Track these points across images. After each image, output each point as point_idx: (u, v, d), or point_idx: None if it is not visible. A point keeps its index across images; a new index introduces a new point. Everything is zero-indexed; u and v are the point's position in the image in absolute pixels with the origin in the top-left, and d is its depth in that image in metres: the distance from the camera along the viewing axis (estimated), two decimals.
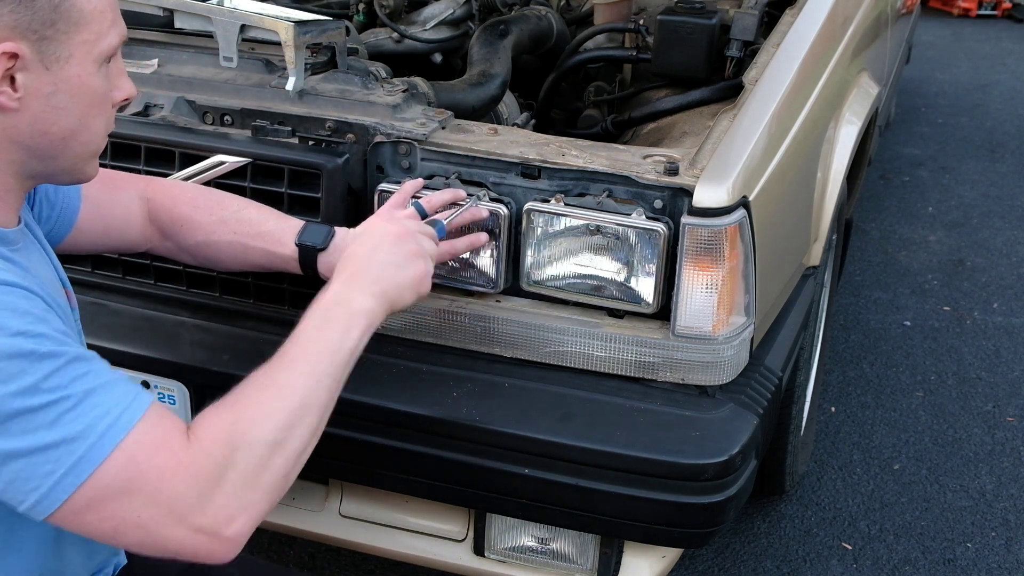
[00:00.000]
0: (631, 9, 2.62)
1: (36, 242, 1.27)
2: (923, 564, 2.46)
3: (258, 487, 1.13)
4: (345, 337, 1.25)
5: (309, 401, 1.19)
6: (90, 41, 1.12)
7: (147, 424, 1.10)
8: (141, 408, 1.10)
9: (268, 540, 2.43)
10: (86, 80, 1.13)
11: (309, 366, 1.20)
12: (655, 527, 1.62)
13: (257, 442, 1.13)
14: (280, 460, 1.15)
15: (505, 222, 1.64)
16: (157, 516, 1.08)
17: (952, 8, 8.51)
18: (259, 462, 1.13)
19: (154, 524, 1.08)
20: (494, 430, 1.61)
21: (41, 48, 1.08)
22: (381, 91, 1.77)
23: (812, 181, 2.15)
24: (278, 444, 1.15)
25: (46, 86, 1.10)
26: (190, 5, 1.76)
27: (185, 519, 1.09)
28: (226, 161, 1.70)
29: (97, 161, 1.23)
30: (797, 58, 2.02)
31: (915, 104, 6.06)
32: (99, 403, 1.07)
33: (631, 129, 2.25)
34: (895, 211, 4.57)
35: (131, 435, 1.08)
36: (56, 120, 1.12)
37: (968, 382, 3.23)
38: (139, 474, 1.07)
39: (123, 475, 1.07)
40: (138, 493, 1.07)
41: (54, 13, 1.08)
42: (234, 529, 1.11)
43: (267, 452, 1.14)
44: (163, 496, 1.08)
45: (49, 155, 1.15)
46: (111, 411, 1.08)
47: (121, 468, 1.07)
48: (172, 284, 1.83)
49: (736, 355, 1.66)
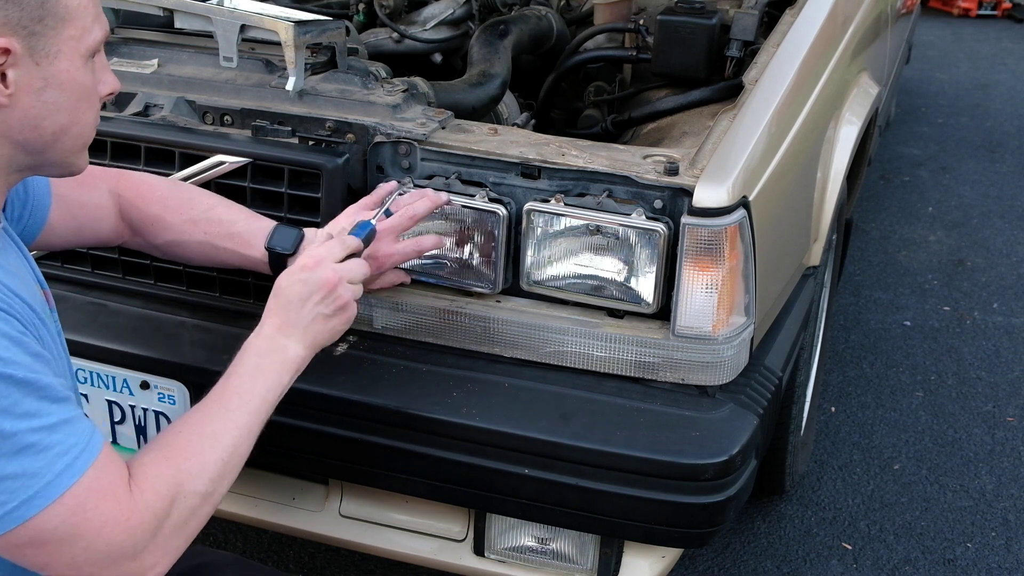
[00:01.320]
0: (631, 9, 2.62)
1: (12, 242, 1.27)
2: (923, 564, 2.46)
3: (184, 534, 1.19)
4: (277, 384, 1.31)
5: (239, 451, 1.24)
6: (76, 36, 1.14)
7: (98, 470, 1.12)
8: (96, 450, 1.13)
9: (268, 540, 2.43)
10: (74, 75, 1.14)
11: (243, 416, 1.25)
12: (655, 527, 1.62)
13: (193, 495, 1.18)
14: (207, 509, 1.21)
15: (505, 222, 1.64)
16: (92, 559, 1.12)
17: (952, 8, 8.51)
18: (190, 513, 1.19)
19: (87, 566, 1.12)
20: (494, 430, 1.61)
21: (31, 44, 1.10)
22: (381, 91, 1.77)
23: (812, 181, 2.15)
24: (209, 495, 1.20)
25: (36, 81, 1.12)
26: (190, 5, 1.76)
27: (116, 564, 1.13)
28: (226, 161, 1.70)
29: (87, 154, 1.24)
30: (797, 58, 2.02)
31: (915, 104, 6.06)
32: (61, 441, 1.09)
33: (631, 129, 2.25)
34: (895, 211, 4.57)
35: (84, 479, 1.10)
36: (47, 115, 1.14)
37: (968, 382, 3.23)
38: (84, 520, 1.10)
39: (71, 520, 1.09)
40: (80, 539, 1.10)
41: (41, 9, 1.10)
42: (156, 571, 1.17)
43: (199, 503, 1.19)
44: (102, 543, 1.11)
45: (39, 149, 1.16)
46: (71, 451, 1.10)
47: (70, 513, 1.09)
48: (172, 284, 1.83)
49: (736, 355, 1.66)
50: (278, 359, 1.31)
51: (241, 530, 2.45)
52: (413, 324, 1.74)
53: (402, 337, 1.75)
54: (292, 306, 1.35)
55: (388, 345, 1.75)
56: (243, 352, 1.32)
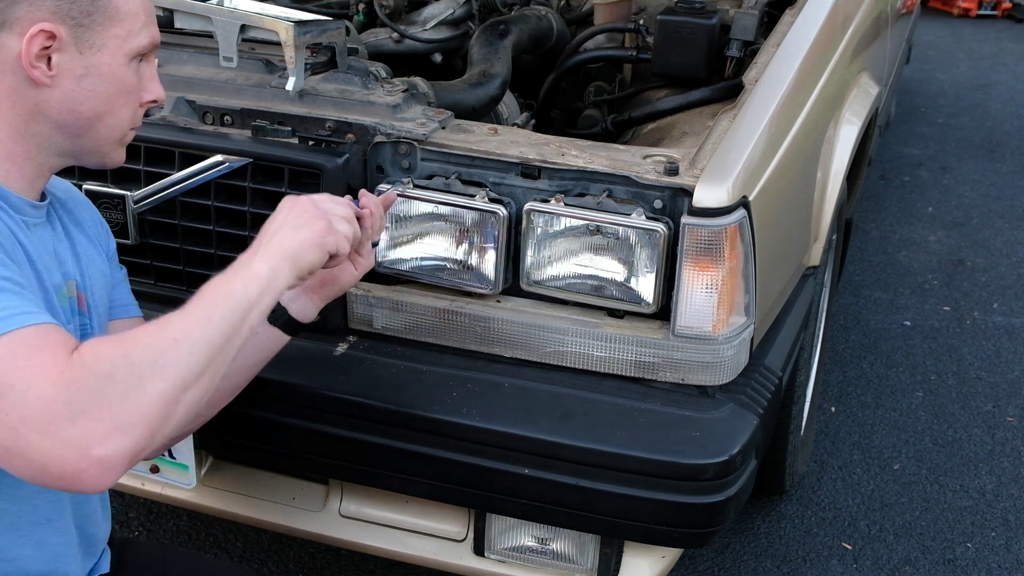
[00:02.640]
0: (631, 9, 2.62)
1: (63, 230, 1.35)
2: (923, 564, 2.46)
3: (134, 409, 1.08)
4: (244, 291, 1.22)
5: (195, 336, 1.15)
6: (121, 36, 1.25)
7: (40, 331, 1.10)
8: (41, 319, 1.11)
9: (268, 540, 2.43)
10: (116, 70, 1.26)
11: (200, 308, 1.19)
12: (655, 527, 1.62)
13: (136, 362, 1.10)
14: (161, 385, 1.10)
15: (505, 222, 1.64)
16: (26, 418, 1.05)
17: (952, 8, 8.51)
18: (137, 381, 1.09)
19: (22, 426, 1.05)
20: (494, 430, 1.61)
21: (77, 34, 1.22)
22: (381, 91, 1.77)
23: (812, 181, 2.15)
24: (158, 367, 1.11)
25: (79, 68, 1.23)
26: (190, 5, 1.76)
27: (53, 427, 1.05)
28: (226, 161, 1.70)
29: (124, 151, 1.34)
30: (797, 58, 2.02)
31: (915, 104, 6.06)
32: (9, 303, 1.09)
33: (631, 129, 2.25)
34: (895, 211, 4.57)
35: (21, 331, 1.08)
36: (85, 100, 1.25)
37: (968, 382, 3.23)
38: (15, 369, 1.06)
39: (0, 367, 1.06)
40: (11, 391, 1.05)
41: (92, 6, 1.22)
42: (105, 449, 1.06)
43: (146, 372, 1.10)
44: (33, 395, 1.05)
45: (76, 133, 1.27)
46: (10, 308, 1.09)
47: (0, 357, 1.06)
48: (172, 284, 1.83)
49: (736, 355, 1.66)
50: (243, 271, 1.26)
51: (241, 530, 2.45)
52: (413, 324, 1.74)
53: (402, 337, 1.75)
54: (262, 232, 1.33)
55: (388, 345, 1.75)
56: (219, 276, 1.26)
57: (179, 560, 1.57)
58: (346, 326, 1.78)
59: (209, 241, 1.78)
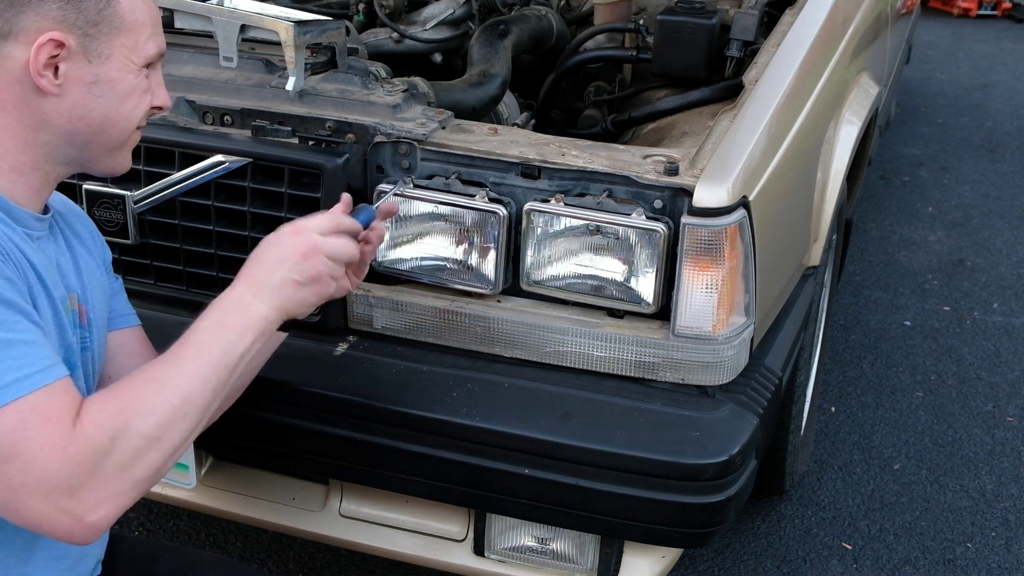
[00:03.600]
0: (631, 9, 2.62)
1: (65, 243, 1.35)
2: (923, 564, 2.46)
3: (128, 479, 1.16)
4: (239, 341, 1.27)
5: (192, 400, 1.21)
6: (129, 46, 1.26)
7: (50, 394, 1.12)
8: (52, 377, 1.13)
9: (268, 540, 2.43)
10: (124, 76, 1.27)
11: (198, 365, 1.23)
12: (655, 527, 1.62)
13: (135, 435, 1.16)
14: (155, 455, 1.18)
15: (505, 222, 1.64)
16: (27, 484, 1.10)
17: (952, 8, 8.51)
18: (134, 454, 1.16)
19: (23, 491, 1.10)
20: (494, 430, 1.61)
21: (85, 43, 1.23)
22: (381, 91, 1.77)
23: (812, 181, 2.15)
24: (155, 439, 1.17)
25: (88, 76, 1.24)
26: (190, 5, 1.76)
27: (52, 496, 1.11)
28: (226, 161, 1.70)
29: (129, 156, 1.34)
30: (797, 58, 2.02)
31: (915, 104, 6.06)
32: (17, 357, 1.11)
33: (631, 129, 2.25)
34: (895, 211, 4.57)
35: (32, 397, 1.11)
36: (95, 107, 1.25)
37: (968, 382, 3.23)
38: (24, 439, 1.10)
39: (10, 434, 1.09)
40: (16, 457, 1.10)
41: (98, 16, 1.23)
42: (98, 516, 1.14)
43: (143, 446, 1.16)
44: (37, 468, 1.10)
45: (84, 141, 1.27)
46: (24, 368, 1.11)
47: (10, 427, 1.09)
48: (172, 284, 1.83)
49: (736, 355, 1.66)
50: (241, 316, 1.28)
51: (241, 530, 2.45)
52: (413, 324, 1.74)
53: (402, 337, 1.75)
54: (264, 267, 1.33)
55: (388, 345, 1.75)
56: (209, 308, 1.29)
57: (166, 554, 1.57)
58: (346, 326, 1.78)
59: (209, 241, 1.78)
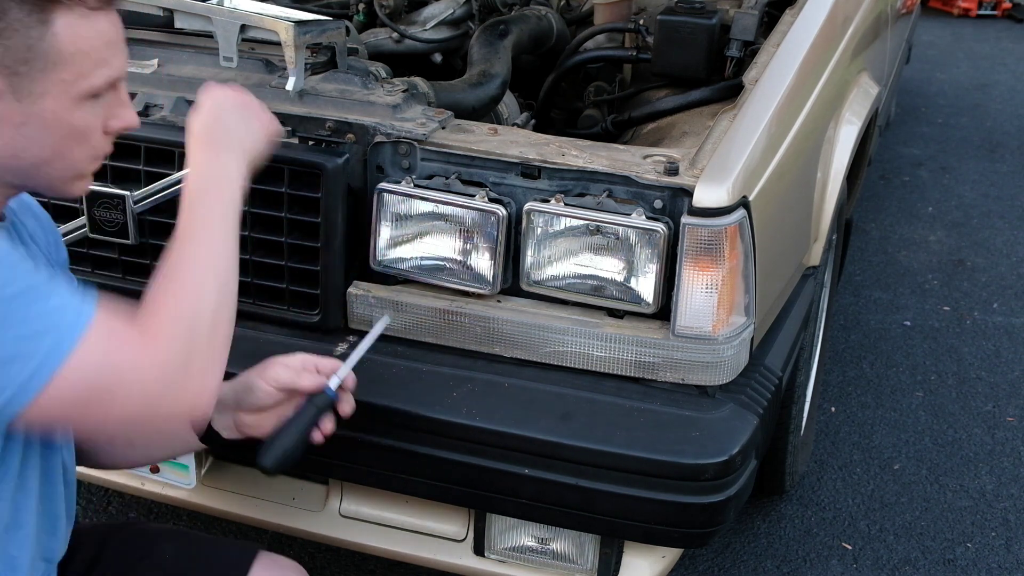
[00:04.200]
0: (631, 9, 2.62)
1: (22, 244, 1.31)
2: (923, 564, 2.46)
3: (216, 354, 1.21)
4: (231, 197, 1.30)
5: (223, 261, 1.25)
6: (68, 80, 1.15)
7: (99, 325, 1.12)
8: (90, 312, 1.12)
9: (268, 540, 2.42)
10: (61, 115, 1.16)
11: (211, 232, 1.26)
12: (655, 527, 1.62)
13: (205, 313, 1.19)
14: (225, 316, 1.23)
15: (505, 222, 1.64)
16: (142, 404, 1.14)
17: (952, 8, 8.51)
18: (211, 331, 1.20)
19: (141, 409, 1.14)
20: (494, 430, 1.61)
21: (13, 82, 1.12)
22: (381, 91, 1.77)
23: (812, 181, 2.15)
24: (219, 306, 1.22)
25: (17, 116, 1.14)
26: (190, 5, 1.76)
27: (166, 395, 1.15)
28: None
29: (84, 182, 1.25)
30: (797, 58, 2.02)
31: (915, 104, 6.05)
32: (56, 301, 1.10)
33: (631, 129, 2.25)
34: (895, 211, 4.57)
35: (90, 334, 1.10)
36: (27, 148, 1.16)
37: (968, 382, 3.23)
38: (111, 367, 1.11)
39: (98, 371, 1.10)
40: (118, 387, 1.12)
41: (28, 52, 1.11)
42: (206, 399, 1.19)
43: (213, 319, 1.20)
44: (138, 387, 1.13)
45: (23, 175, 1.20)
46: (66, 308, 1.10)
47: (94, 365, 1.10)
48: None
49: (736, 355, 1.66)
50: (221, 175, 1.31)
51: (241, 530, 2.45)
52: (413, 324, 1.74)
53: (402, 337, 1.75)
54: (209, 127, 1.34)
55: (388, 345, 1.75)
56: (189, 189, 1.29)
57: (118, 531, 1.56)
58: (346, 326, 1.78)
59: None
